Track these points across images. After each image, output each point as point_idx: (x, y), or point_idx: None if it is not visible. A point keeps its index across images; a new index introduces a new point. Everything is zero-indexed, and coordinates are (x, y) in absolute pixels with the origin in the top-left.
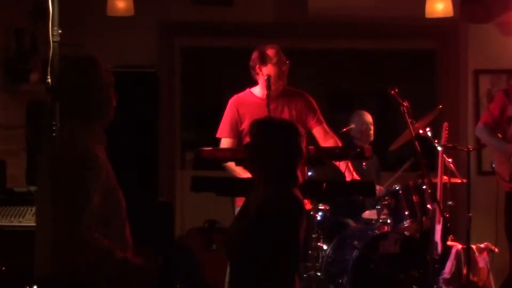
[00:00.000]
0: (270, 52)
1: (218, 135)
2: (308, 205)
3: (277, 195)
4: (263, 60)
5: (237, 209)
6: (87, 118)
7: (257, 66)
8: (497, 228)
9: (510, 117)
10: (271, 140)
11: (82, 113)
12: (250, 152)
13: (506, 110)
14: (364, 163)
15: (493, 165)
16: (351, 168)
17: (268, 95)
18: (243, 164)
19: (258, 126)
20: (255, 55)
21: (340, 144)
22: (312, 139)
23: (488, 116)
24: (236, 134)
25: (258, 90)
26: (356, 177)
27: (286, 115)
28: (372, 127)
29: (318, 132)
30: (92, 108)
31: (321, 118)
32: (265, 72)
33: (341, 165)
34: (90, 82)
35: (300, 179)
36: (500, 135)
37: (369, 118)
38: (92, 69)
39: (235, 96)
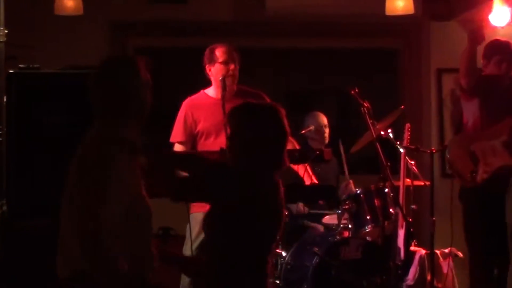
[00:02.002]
0: (218, 51)
1: (171, 140)
2: None
3: (263, 184)
4: (211, 60)
5: (192, 215)
6: (123, 118)
7: (206, 65)
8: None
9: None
10: (257, 127)
11: (120, 113)
12: (235, 143)
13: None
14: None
15: (448, 156)
16: (310, 172)
17: (223, 96)
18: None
19: (240, 114)
20: (205, 54)
21: (297, 147)
22: None
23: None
24: (191, 138)
25: (212, 91)
26: (315, 181)
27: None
28: (327, 129)
29: None
30: (129, 108)
31: None
32: (213, 71)
33: (299, 168)
34: (132, 82)
35: (287, 162)
36: None
37: (324, 119)
38: (131, 69)
39: (188, 98)
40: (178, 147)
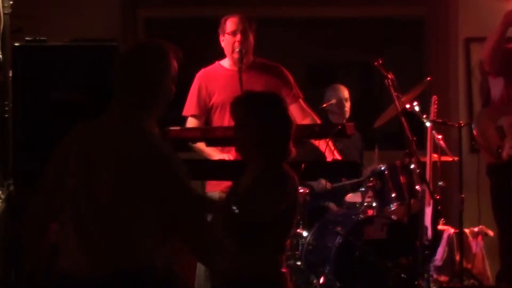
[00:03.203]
0: (228, 21)
1: (184, 113)
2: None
3: (272, 172)
4: (222, 30)
5: (208, 194)
6: (146, 108)
7: (220, 36)
8: (482, 210)
9: None
10: (263, 117)
11: (143, 103)
12: (243, 135)
13: None
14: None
15: (475, 130)
16: (332, 147)
17: (240, 68)
18: (216, 145)
19: (244, 105)
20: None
21: (318, 122)
22: None
23: None
24: (204, 111)
25: (227, 62)
26: (338, 156)
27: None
28: (348, 103)
29: (295, 109)
30: (153, 99)
31: (298, 93)
32: (224, 42)
33: (321, 144)
34: (161, 73)
35: (293, 151)
36: None
37: (345, 92)
38: (164, 60)
39: (202, 70)
40: (191, 121)
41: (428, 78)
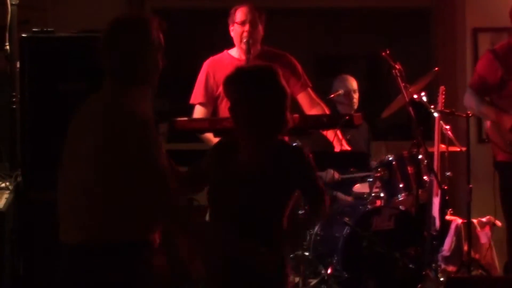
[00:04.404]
0: (237, 11)
1: (192, 101)
2: None
3: (276, 148)
4: (231, 20)
5: None
6: (133, 83)
7: (229, 26)
8: (496, 200)
9: (500, 82)
10: (257, 91)
11: (129, 78)
12: (238, 113)
13: (496, 73)
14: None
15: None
16: (340, 137)
17: (247, 59)
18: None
19: (235, 81)
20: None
21: (327, 112)
22: (296, 106)
23: (478, 79)
24: (212, 100)
25: (235, 52)
26: (346, 147)
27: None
28: (356, 94)
29: (303, 98)
30: (139, 73)
31: (307, 82)
32: (233, 32)
33: (329, 134)
34: (141, 45)
35: (291, 122)
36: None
37: (353, 83)
38: (143, 32)
39: (210, 58)
40: (198, 109)
41: (436, 69)
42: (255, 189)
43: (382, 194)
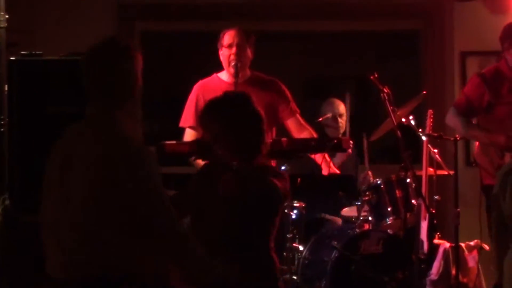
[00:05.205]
0: (226, 34)
1: (181, 125)
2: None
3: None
4: (220, 43)
5: None
6: (121, 106)
7: (219, 49)
8: (483, 224)
9: (487, 106)
10: (232, 120)
11: (116, 103)
12: (219, 145)
13: (483, 97)
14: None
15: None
16: (329, 161)
17: (235, 83)
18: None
19: (206, 115)
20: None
21: (315, 136)
22: (284, 131)
23: (465, 102)
24: None
25: (224, 75)
26: (335, 170)
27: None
28: (343, 118)
29: (291, 123)
30: (126, 97)
31: (295, 108)
32: (221, 55)
33: (317, 158)
34: (128, 66)
35: (267, 146)
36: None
37: (340, 107)
38: (128, 58)
39: (200, 81)
40: (188, 133)
41: (424, 92)
42: (238, 212)
43: (370, 218)
